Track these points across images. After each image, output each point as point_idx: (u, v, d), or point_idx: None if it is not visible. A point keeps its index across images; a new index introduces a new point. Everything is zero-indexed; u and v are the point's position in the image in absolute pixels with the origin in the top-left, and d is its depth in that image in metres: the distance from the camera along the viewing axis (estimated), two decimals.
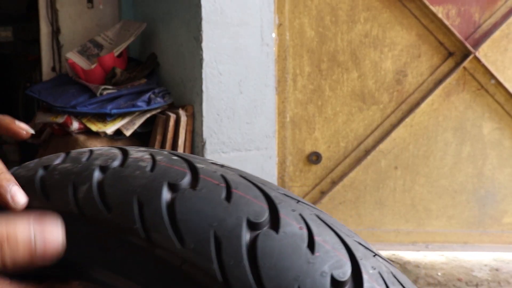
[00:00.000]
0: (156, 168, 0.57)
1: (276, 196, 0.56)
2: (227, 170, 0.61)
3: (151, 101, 2.89)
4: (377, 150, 2.99)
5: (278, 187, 0.62)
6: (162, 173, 0.56)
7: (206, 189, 0.54)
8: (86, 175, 0.57)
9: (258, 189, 0.57)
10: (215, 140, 2.74)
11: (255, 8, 2.75)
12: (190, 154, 0.64)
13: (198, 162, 0.60)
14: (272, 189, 0.58)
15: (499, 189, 3.00)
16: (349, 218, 3.05)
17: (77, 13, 3.49)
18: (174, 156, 0.61)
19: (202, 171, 0.57)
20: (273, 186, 0.60)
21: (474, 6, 2.88)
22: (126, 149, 0.63)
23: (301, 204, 0.58)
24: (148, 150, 0.63)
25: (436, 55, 2.92)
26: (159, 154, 0.61)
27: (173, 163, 0.58)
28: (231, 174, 0.59)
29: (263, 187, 0.57)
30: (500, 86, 2.90)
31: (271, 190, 0.57)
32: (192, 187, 0.55)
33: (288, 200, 0.57)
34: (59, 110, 2.94)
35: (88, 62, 3.24)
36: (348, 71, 2.95)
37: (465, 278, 2.66)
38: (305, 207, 0.58)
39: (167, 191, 0.54)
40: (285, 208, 0.55)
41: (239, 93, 2.76)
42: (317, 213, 0.58)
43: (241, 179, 0.58)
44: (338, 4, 2.91)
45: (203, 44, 2.67)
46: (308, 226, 0.54)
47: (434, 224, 3.04)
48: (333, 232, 0.55)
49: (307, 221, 0.54)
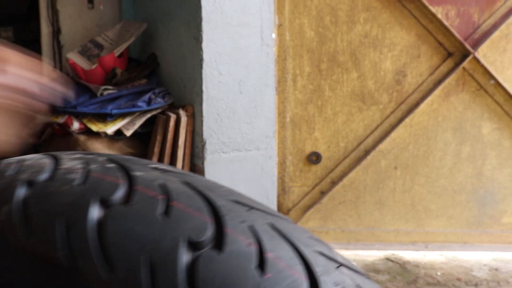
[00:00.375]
0: (88, 180, 0.50)
1: (224, 206, 0.49)
2: (170, 176, 0.53)
3: (152, 101, 2.89)
4: (376, 150, 2.99)
5: (230, 191, 0.54)
6: (93, 186, 0.49)
7: (140, 204, 0.47)
8: (8, 193, 0.49)
9: (202, 199, 0.49)
10: (215, 140, 2.74)
11: (255, 9, 2.75)
12: (132, 158, 0.56)
13: (137, 169, 0.53)
14: (220, 196, 0.51)
15: (498, 189, 3.00)
16: (349, 218, 3.06)
17: (78, 13, 3.49)
18: (110, 163, 0.54)
19: (138, 181, 0.50)
20: (223, 191, 0.53)
21: (473, 6, 2.88)
22: (58, 158, 0.55)
23: (253, 211, 0.51)
24: (84, 157, 0.55)
25: (436, 56, 2.93)
26: (95, 161, 0.54)
27: (107, 173, 0.51)
28: (174, 182, 0.51)
29: (210, 195, 0.50)
30: (499, 86, 2.91)
31: (218, 198, 0.50)
32: (125, 202, 0.47)
33: (237, 208, 0.50)
34: (60, 110, 2.94)
35: (89, 63, 3.24)
36: (348, 71, 2.96)
37: (464, 278, 2.66)
38: (258, 215, 0.50)
39: (97, 209, 0.46)
40: (232, 220, 0.47)
41: (239, 93, 2.76)
42: (273, 221, 0.50)
43: (184, 188, 0.51)
44: (338, 5, 2.91)
45: (203, 44, 2.67)
46: (259, 241, 0.46)
47: (434, 224, 3.04)
48: (289, 245, 0.48)
49: (259, 234, 0.47)
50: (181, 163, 2.76)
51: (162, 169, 0.56)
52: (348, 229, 3.06)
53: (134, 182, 0.50)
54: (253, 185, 2.84)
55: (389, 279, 2.65)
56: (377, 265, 2.80)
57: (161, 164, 0.58)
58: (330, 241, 3.06)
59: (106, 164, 0.54)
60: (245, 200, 0.53)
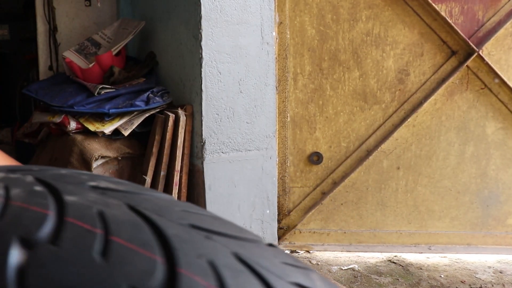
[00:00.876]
0: (7, 212, 0.40)
1: (176, 235, 0.40)
2: (112, 198, 0.44)
3: (150, 100, 2.85)
4: (379, 150, 2.95)
5: (187, 210, 0.44)
6: (13, 220, 0.39)
7: (72, 242, 0.38)
8: None
9: (150, 228, 0.40)
10: (215, 140, 2.71)
11: (255, 6, 2.71)
12: (68, 174, 0.46)
13: (71, 191, 0.43)
14: (173, 220, 0.42)
15: (503, 189, 2.96)
16: (351, 219, 3.02)
17: (75, 11, 3.45)
18: (38, 184, 0.44)
19: (71, 209, 0.41)
20: (177, 212, 0.44)
21: (477, 4, 2.84)
22: None
23: (214, 237, 0.42)
24: (6, 178, 0.45)
25: (439, 54, 2.88)
26: (18, 184, 0.43)
27: (32, 200, 0.41)
28: (115, 207, 0.42)
29: (159, 221, 0.41)
30: (504, 85, 2.86)
31: (170, 224, 0.41)
32: (53, 240, 0.38)
33: (194, 237, 0.41)
34: (56, 109, 2.90)
35: (86, 61, 3.20)
36: (350, 70, 2.91)
37: (468, 281, 2.62)
38: (220, 242, 0.42)
39: (18, 251, 0.37)
40: (187, 256, 0.39)
41: (239, 92, 2.73)
42: (237, 248, 0.42)
43: (128, 214, 0.42)
44: (339, 2, 2.87)
45: (203, 43, 2.63)
46: (221, 280, 0.38)
47: (437, 225, 3.00)
48: (258, 280, 0.39)
49: (219, 270, 0.38)
50: (180, 163, 2.73)
51: (102, 187, 0.45)
52: (350, 230, 3.02)
53: (66, 212, 0.40)
54: (253, 185, 2.81)
55: (391, 282, 2.61)
56: (379, 267, 2.76)
57: (104, 178, 0.48)
58: (332, 243, 3.02)
59: (32, 187, 0.43)
60: (205, 221, 0.44)
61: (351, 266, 2.76)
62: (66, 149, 2.88)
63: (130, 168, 2.90)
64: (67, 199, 0.42)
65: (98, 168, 2.79)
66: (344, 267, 2.75)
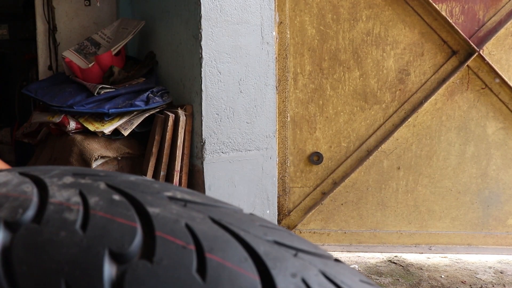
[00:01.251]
0: (91, 222, 0.38)
1: (267, 253, 0.39)
2: (194, 211, 0.42)
3: (150, 100, 2.85)
4: (379, 150, 2.94)
5: (263, 224, 0.43)
6: (100, 232, 0.37)
7: (169, 259, 0.36)
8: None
9: (241, 244, 0.39)
10: (215, 140, 2.70)
11: (255, 6, 2.71)
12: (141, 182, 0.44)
13: (152, 202, 0.41)
14: (258, 237, 0.41)
15: (503, 190, 2.95)
16: (351, 219, 3.01)
17: (74, 10, 3.44)
18: (115, 193, 0.41)
19: (158, 222, 0.39)
20: (258, 228, 0.43)
21: (478, 3, 2.83)
22: (45, 185, 0.41)
23: (300, 254, 0.42)
24: (78, 184, 0.42)
25: (440, 54, 2.88)
26: (93, 192, 0.41)
27: (115, 211, 0.39)
28: (201, 221, 0.40)
29: (248, 238, 0.40)
30: (504, 85, 2.86)
31: (258, 241, 0.40)
32: (148, 256, 0.36)
33: (283, 254, 0.40)
34: (56, 109, 2.89)
35: (86, 61, 3.19)
36: (350, 70, 2.90)
37: (469, 281, 2.62)
38: (306, 259, 0.41)
39: (110, 266, 0.35)
40: (283, 274, 0.38)
41: (239, 92, 2.72)
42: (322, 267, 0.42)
43: (215, 228, 0.40)
44: (340, 2, 2.86)
45: (203, 43, 2.62)
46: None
47: (437, 225, 2.99)
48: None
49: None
50: (180, 163, 2.72)
51: (180, 198, 0.43)
52: (350, 230, 3.01)
53: (153, 225, 0.38)
54: (253, 185, 2.80)
55: (392, 282, 2.60)
56: (380, 268, 2.75)
57: (174, 187, 0.45)
58: (332, 243, 3.01)
59: (111, 195, 0.41)
60: (285, 238, 0.42)
61: (351, 267, 2.75)
62: (65, 149, 2.87)
63: (129, 168, 2.89)
64: (151, 211, 0.40)
65: (98, 168, 2.79)
66: None
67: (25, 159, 3.42)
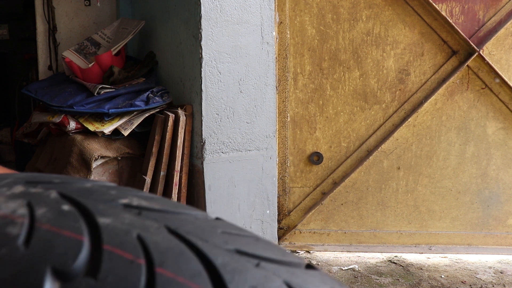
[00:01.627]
0: (34, 237, 0.35)
1: (225, 264, 0.37)
2: (149, 220, 0.39)
3: (150, 100, 2.85)
4: (379, 150, 2.94)
5: (227, 230, 0.41)
6: (44, 248, 0.34)
7: (114, 276, 0.33)
8: None
9: (196, 257, 0.37)
10: (215, 140, 2.70)
11: (255, 6, 2.71)
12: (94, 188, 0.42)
13: (103, 211, 0.38)
14: (218, 246, 0.38)
15: (503, 190, 2.95)
16: (351, 219, 3.01)
17: (74, 10, 3.44)
18: (65, 203, 0.38)
19: (107, 234, 0.36)
20: (219, 236, 0.40)
21: (478, 3, 2.83)
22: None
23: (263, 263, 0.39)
24: (27, 193, 0.39)
25: (440, 54, 2.88)
26: (42, 202, 0.38)
27: (63, 223, 0.36)
28: (155, 230, 0.38)
29: (205, 248, 0.38)
30: (504, 85, 2.86)
31: (217, 252, 0.38)
32: (92, 273, 0.34)
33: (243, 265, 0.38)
34: (56, 109, 2.89)
35: (86, 61, 3.19)
36: (350, 70, 2.90)
37: (469, 281, 2.62)
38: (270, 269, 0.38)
39: (52, 285, 0.32)
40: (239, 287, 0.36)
41: (239, 92, 2.72)
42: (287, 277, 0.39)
43: (170, 238, 0.37)
44: (340, 2, 2.86)
45: (202, 43, 2.62)
46: None
47: (437, 225, 2.99)
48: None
49: None
50: (180, 163, 2.72)
51: (136, 206, 0.40)
52: (350, 230, 3.01)
53: (101, 237, 0.35)
54: (253, 185, 2.80)
55: (392, 282, 2.60)
56: (380, 268, 2.75)
57: (134, 192, 0.43)
58: (332, 243, 3.01)
59: (59, 205, 0.38)
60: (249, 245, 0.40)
61: (351, 267, 2.76)
62: (65, 149, 2.87)
63: (129, 168, 2.89)
64: (101, 221, 0.37)
65: (98, 168, 2.79)
66: (345, 268, 2.74)
67: (25, 159, 3.42)
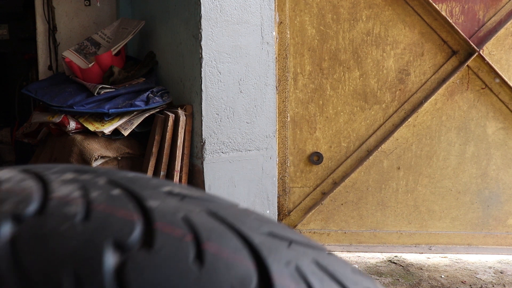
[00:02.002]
0: (92, 215, 0.39)
1: (263, 243, 0.41)
2: (190, 204, 0.43)
3: (150, 100, 2.85)
4: (379, 150, 2.94)
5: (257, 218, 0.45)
6: (101, 224, 0.38)
7: (166, 249, 0.38)
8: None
9: (236, 235, 0.41)
10: (215, 140, 2.70)
11: (255, 6, 2.71)
12: (139, 178, 0.46)
13: (150, 196, 0.43)
14: (253, 229, 0.43)
15: (503, 190, 2.95)
16: (351, 219, 3.01)
17: (74, 10, 3.44)
18: (114, 188, 0.43)
19: (157, 215, 0.40)
20: (252, 221, 0.44)
21: (478, 3, 2.83)
22: (46, 181, 0.43)
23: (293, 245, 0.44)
24: (78, 180, 0.44)
25: (440, 54, 2.88)
26: (94, 186, 0.43)
27: (115, 205, 0.41)
28: (197, 213, 0.42)
29: (244, 229, 0.42)
30: (504, 85, 2.86)
31: (253, 233, 0.42)
32: (147, 246, 0.38)
33: (278, 244, 0.42)
34: (56, 109, 2.89)
35: (86, 61, 3.19)
36: (350, 70, 2.90)
37: (469, 281, 2.62)
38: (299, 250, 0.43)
39: (111, 256, 0.36)
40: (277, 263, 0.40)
41: (239, 92, 2.72)
42: (316, 256, 0.43)
43: (211, 220, 0.42)
44: (340, 2, 2.86)
45: (202, 43, 2.62)
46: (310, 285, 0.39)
47: (437, 225, 2.99)
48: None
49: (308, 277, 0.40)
50: (180, 163, 2.72)
51: (177, 193, 0.45)
52: (350, 230, 3.01)
53: (153, 217, 0.40)
54: (253, 185, 2.80)
55: (392, 282, 2.60)
56: (380, 268, 2.75)
57: (172, 183, 0.47)
58: (332, 243, 3.01)
59: (110, 190, 0.43)
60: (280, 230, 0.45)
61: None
62: (65, 149, 2.87)
63: (129, 168, 2.89)
64: (150, 204, 0.41)
65: None
66: None
67: (25, 159, 3.42)
